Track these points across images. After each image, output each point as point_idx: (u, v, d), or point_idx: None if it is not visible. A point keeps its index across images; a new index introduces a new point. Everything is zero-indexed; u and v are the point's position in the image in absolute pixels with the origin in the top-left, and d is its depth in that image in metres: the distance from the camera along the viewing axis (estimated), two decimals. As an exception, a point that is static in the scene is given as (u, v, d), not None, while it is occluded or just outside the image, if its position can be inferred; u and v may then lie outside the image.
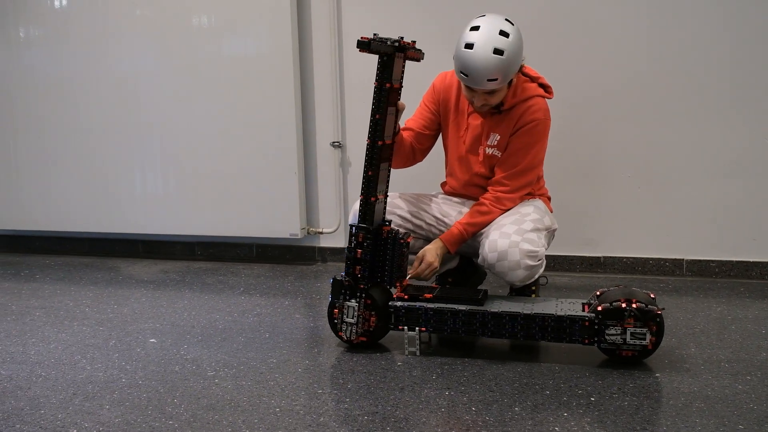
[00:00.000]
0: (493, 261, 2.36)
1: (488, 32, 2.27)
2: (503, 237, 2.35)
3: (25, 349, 2.42)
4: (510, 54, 2.26)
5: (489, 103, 2.40)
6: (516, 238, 2.34)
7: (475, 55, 2.25)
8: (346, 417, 1.81)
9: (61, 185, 4.11)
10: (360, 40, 2.11)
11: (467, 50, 2.27)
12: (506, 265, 2.34)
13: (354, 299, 2.28)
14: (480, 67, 2.26)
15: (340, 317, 2.30)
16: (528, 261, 2.33)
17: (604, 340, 2.10)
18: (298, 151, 3.64)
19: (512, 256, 2.33)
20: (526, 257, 2.33)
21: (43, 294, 3.22)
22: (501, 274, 2.38)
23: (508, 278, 2.38)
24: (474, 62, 2.26)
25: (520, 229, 2.38)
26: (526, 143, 2.47)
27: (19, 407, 1.91)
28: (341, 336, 2.32)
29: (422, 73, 2.79)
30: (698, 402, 1.87)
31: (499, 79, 2.29)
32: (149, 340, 2.49)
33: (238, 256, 3.97)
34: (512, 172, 2.49)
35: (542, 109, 2.47)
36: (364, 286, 2.27)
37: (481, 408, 1.85)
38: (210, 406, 1.89)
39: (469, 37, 2.29)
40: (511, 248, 2.33)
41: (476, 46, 2.25)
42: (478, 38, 2.26)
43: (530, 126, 2.46)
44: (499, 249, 2.34)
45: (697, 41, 3.15)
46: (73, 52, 3.95)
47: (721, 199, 3.21)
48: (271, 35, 3.59)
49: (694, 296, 2.96)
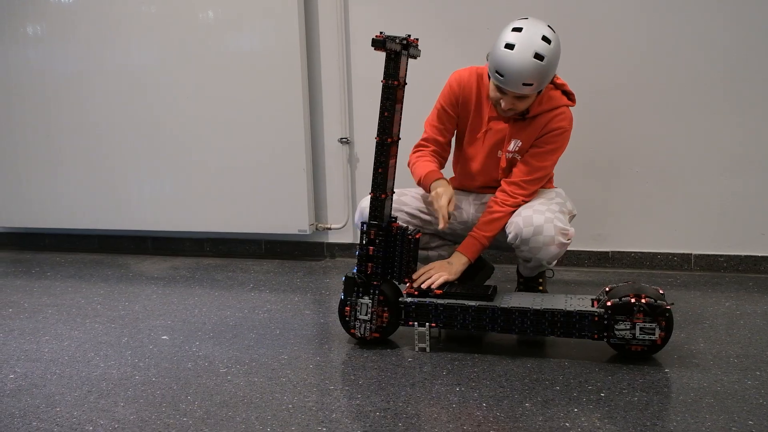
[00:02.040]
0: (528, 235, 2.37)
1: (530, 35, 2.23)
2: (537, 213, 2.38)
3: (39, 347, 2.44)
4: (549, 61, 2.24)
5: (516, 108, 2.38)
6: (550, 215, 2.38)
7: (515, 57, 2.22)
8: (358, 413, 1.83)
9: (69, 183, 4.13)
10: (375, 39, 2.13)
11: (507, 50, 2.23)
12: (541, 240, 2.36)
13: (367, 296, 2.30)
14: (518, 69, 2.23)
15: (353, 314, 2.32)
16: (561, 238, 2.36)
17: (613, 335, 2.12)
18: (306, 148, 3.66)
19: (547, 231, 2.35)
20: (560, 234, 2.36)
21: (54, 291, 3.24)
22: (533, 251, 2.39)
23: (540, 255, 2.39)
24: (513, 64, 2.23)
25: (550, 208, 2.41)
26: (549, 150, 2.48)
27: (35, 405, 1.94)
28: (354, 333, 2.34)
29: (430, 70, 2.80)
30: (708, 397, 1.88)
31: (535, 85, 2.27)
32: (161, 337, 2.51)
33: (247, 253, 3.99)
34: (532, 178, 2.49)
35: (568, 118, 2.48)
36: (377, 283, 2.29)
37: (492, 404, 1.87)
38: (223, 403, 1.91)
39: (510, 37, 2.25)
40: (546, 223, 2.35)
41: (517, 48, 2.22)
42: (520, 40, 2.23)
43: (556, 133, 2.46)
44: (535, 224, 2.36)
45: (706, 36, 3.15)
46: (79, 48, 3.97)
47: (729, 193, 3.21)
48: (278, 31, 3.60)
49: (702, 291, 2.97)
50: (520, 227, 2.39)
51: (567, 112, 2.48)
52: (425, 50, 2.72)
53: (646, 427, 1.71)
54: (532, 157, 2.49)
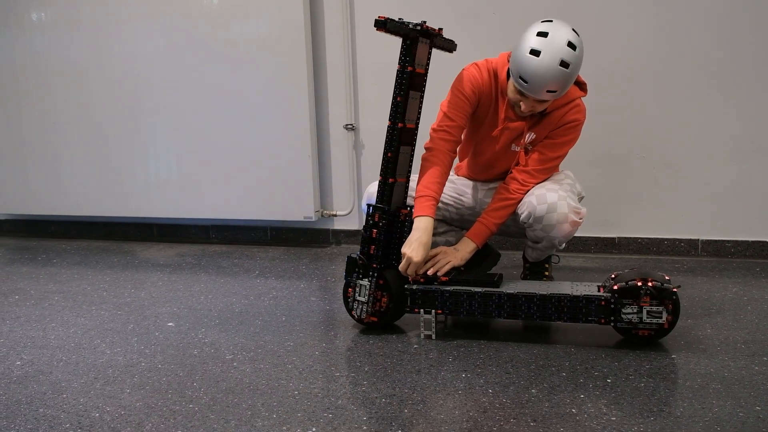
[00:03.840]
0: (542, 213, 2.37)
1: (556, 42, 2.16)
2: (551, 191, 2.38)
3: (45, 334, 2.44)
4: (574, 67, 2.19)
5: (535, 110, 2.35)
6: (563, 193, 2.38)
7: (541, 64, 2.16)
8: (364, 399, 1.83)
9: (75, 170, 4.13)
10: (377, 19, 2.11)
11: (532, 57, 2.17)
12: (554, 218, 2.36)
13: (366, 278, 2.29)
14: (543, 76, 2.18)
15: (353, 296, 2.32)
16: (574, 216, 2.37)
17: (620, 319, 2.11)
18: (311, 134, 3.65)
19: (561, 209, 2.35)
20: (573, 213, 2.37)
21: (60, 278, 3.25)
22: (546, 229, 2.39)
23: (553, 233, 2.39)
24: (538, 71, 2.17)
25: (562, 188, 2.42)
26: (563, 142, 2.48)
27: (41, 391, 1.94)
28: (353, 314, 2.35)
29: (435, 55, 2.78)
30: (715, 383, 1.87)
31: (558, 92, 2.24)
32: (167, 324, 2.51)
33: (253, 239, 3.99)
34: (544, 167, 2.48)
35: (582, 110, 2.47)
36: (377, 266, 2.28)
37: (498, 390, 1.86)
38: (229, 390, 1.91)
39: (535, 42, 2.17)
40: (560, 201, 2.36)
41: (543, 55, 2.16)
42: (546, 47, 2.16)
43: (571, 126, 2.45)
44: (549, 201, 2.36)
45: (714, 20, 3.12)
46: (84, 35, 3.97)
47: (736, 178, 3.19)
48: (283, 17, 3.59)
49: (709, 277, 2.96)
50: (533, 205, 2.38)
51: (581, 105, 2.47)
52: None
53: (653, 413, 1.70)
54: (545, 148, 2.48)
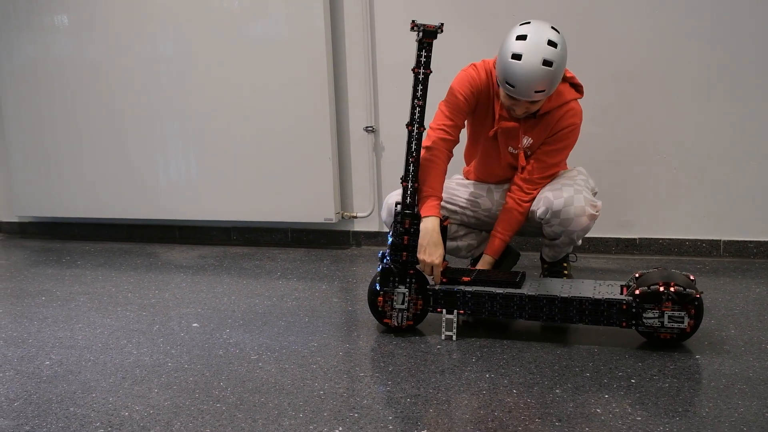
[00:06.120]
0: (559, 207, 2.39)
1: (536, 43, 2.19)
2: (566, 186, 2.42)
3: (73, 334, 2.48)
4: (558, 65, 2.22)
5: (529, 111, 2.37)
6: (578, 187, 2.42)
7: (525, 67, 2.19)
8: (389, 399, 1.84)
9: (97, 172, 4.18)
10: (426, 29, 2.16)
11: (515, 61, 2.20)
12: (572, 212, 2.38)
13: (403, 285, 2.31)
14: (529, 78, 2.21)
15: (389, 304, 2.33)
16: (591, 210, 2.39)
17: (641, 323, 2.11)
18: (331, 136, 3.67)
19: (578, 202, 2.38)
20: (589, 206, 2.39)
21: (85, 280, 3.29)
22: (564, 223, 2.40)
23: (571, 227, 2.40)
24: (523, 74, 2.20)
25: (577, 182, 2.46)
26: (561, 147, 2.50)
27: (71, 391, 1.97)
28: (388, 323, 2.35)
29: (455, 56, 2.79)
30: (740, 383, 1.87)
31: (547, 90, 2.26)
32: (192, 325, 2.54)
33: (274, 241, 4.01)
34: (546, 174, 2.51)
35: (578, 113, 2.48)
36: (412, 272, 2.30)
37: (522, 390, 1.87)
38: (255, 389, 1.94)
39: (516, 47, 2.21)
40: (576, 194, 2.39)
41: (525, 58, 2.19)
42: (526, 49, 2.20)
43: (567, 131, 2.47)
44: (565, 195, 2.39)
45: (733, 17, 3.11)
46: (105, 37, 4.01)
47: (758, 178, 3.18)
48: (303, 18, 3.60)
49: (732, 277, 2.95)
50: (550, 200, 2.41)
51: (576, 108, 2.47)
52: (450, 36, 2.72)
53: (678, 413, 1.70)
54: (545, 155, 2.50)
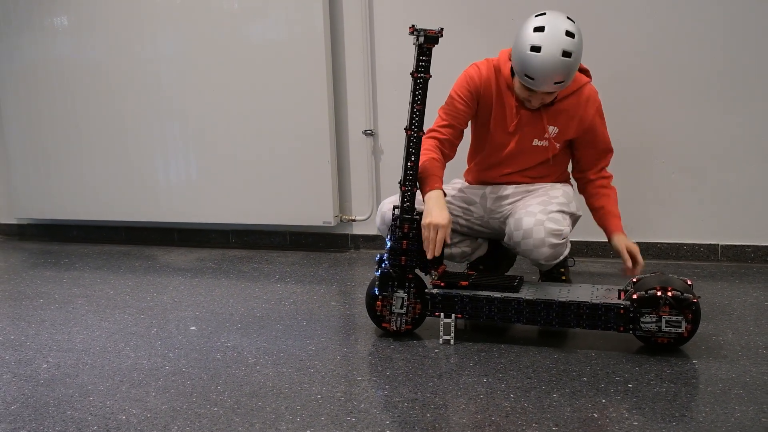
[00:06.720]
0: (518, 239, 2.39)
1: (554, 34, 2.20)
2: (529, 216, 2.38)
3: (71, 337, 2.48)
4: (576, 55, 2.22)
5: (545, 102, 2.39)
6: (541, 217, 2.37)
7: (544, 59, 2.19)
8: (386, 404, 1.84)
9: (96, 174, 4.18)
10: (428, 35, 2.16)
11: (533, 53, 2.20)
12: (531, 243, 2.36)
13: (402, 290, 2.31)
14: (549, 70, 2.21)
15: (388, 309, 2.33)
16: (552, 239, 2.35)
17: (639, 328, 2.11)
18: (330, 139, 3.67)
19: (537, 234, 2.35)
20: (550, 236, 2.35)
21: (83, 282, 3.29)
22: (526, 253, 2.40)
23: (534, 256, 2.39)
24: (542, 66, 2.21)
25: (546, 209, 2.40)
26: (601, 124, 2.55)
27: (68, 394, 1.97)
28: (387, 327, 2.35)
29: (454, 59, 2.79)
30: (737, 388, 1.87)
31: (565, 81, 2.27)
32: (190, 328, 2.54)
33: (272, 244, 4.02)
34: (605, 157, 2.62)
35: (596, 93, 2.52)
36: (411, 276, 2.30)
37: (520, 395, 1.88)
38: (253, 393, 1.94)
39: (534, 39, 2.21)
40: (536, 226, 2.35)
41: (544, 50, 2.19)
42: (545, 41, 2.19)
43: (597, 113, 2.53)
44: (524, 227, 2.37)
45: (733, 21, 3.11)
46: (105, 39, 4.02)
47: (755, 183, 3.18)
48: (303, 20, 3.61)
49: (729, 282, 2.95)
50: (511, 230, 2.42)
51: (593, 90, 2.51)
52: (450, 39, 2.72)
53: (675, 418, 1.71)
54: (597, 140, 2.56)
